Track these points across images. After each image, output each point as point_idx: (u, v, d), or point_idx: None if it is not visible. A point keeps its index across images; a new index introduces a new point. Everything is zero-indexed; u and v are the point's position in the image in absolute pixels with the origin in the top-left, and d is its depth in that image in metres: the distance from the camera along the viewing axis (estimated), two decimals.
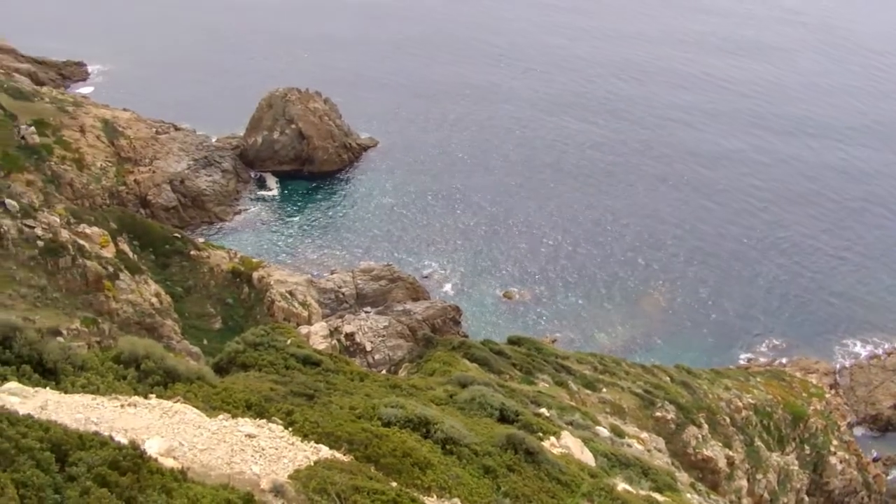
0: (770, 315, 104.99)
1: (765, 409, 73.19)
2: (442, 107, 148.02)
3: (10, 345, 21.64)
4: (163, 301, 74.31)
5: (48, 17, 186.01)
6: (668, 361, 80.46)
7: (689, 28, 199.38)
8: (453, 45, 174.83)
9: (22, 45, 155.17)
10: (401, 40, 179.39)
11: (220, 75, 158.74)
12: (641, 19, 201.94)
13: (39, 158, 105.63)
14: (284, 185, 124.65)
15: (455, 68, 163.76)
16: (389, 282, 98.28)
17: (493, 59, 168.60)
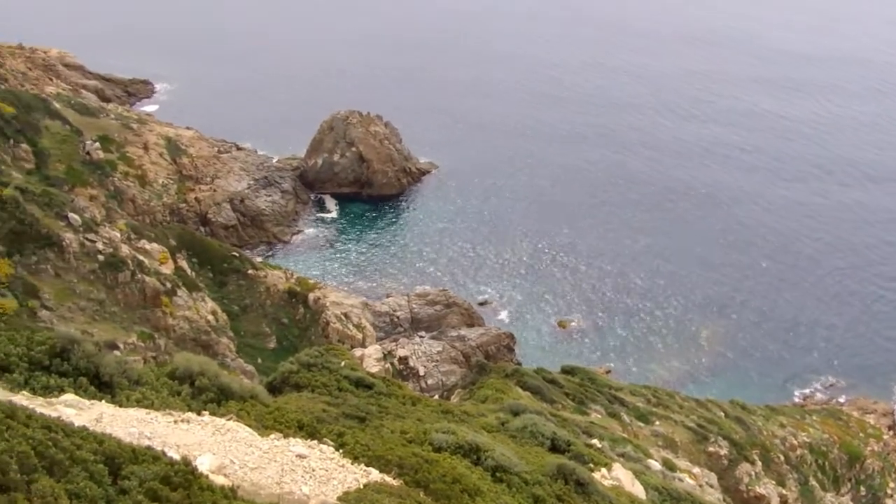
0: (828, 353, 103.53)
1: (820, 449, 72.14)
2: (504, 136, 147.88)
3: (68, 357, 21.87)
4: (219, 319, 74.79)
5: (117, 34, 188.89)
6: (722, 396, 79.57)
7: (744, 64, 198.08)
8: (516, 83, 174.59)
9: (90, 61, 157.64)
10: (466, 71, 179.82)
11: (283, 96, 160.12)
12: (693, 57, 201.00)
13: (103, 174, 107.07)
14: (343, 208, 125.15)
15: (519, 103, 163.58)
16: (444, 307, 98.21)
17: (554, 97, 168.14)
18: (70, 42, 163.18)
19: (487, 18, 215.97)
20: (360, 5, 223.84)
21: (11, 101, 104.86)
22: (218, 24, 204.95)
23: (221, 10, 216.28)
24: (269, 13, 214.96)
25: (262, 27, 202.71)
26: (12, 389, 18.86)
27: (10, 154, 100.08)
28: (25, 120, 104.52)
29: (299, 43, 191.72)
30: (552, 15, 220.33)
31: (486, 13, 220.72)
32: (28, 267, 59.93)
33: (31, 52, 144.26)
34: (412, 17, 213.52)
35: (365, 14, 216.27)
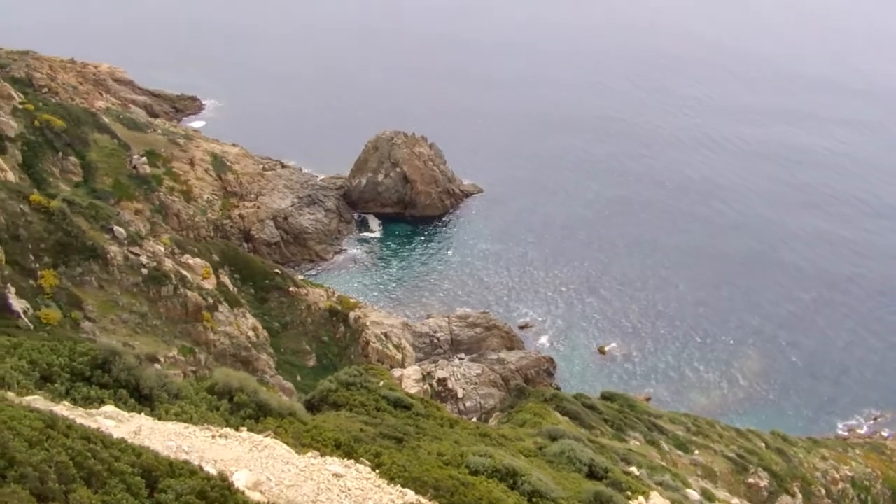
0: (871, 385, 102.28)
1: (863, 483, 71.19)
2: (550, 164, 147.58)
3: (110, 369, 22.00)
4: (259, 335, 75.01)
5: (167, 52, 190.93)
6: (762, 426, 78.79)
7: (795, 98, 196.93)
8: (566, 112, 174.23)
9: (140, 77, 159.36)
10: (516, 98, 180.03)
11: (329, 115, 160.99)
12: (743, 92, 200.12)
13: (149, 188, 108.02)
14: (386, 228, 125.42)
15: (567, 133, 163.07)
16: (485, 329, 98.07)
17: (602, 130, 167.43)
18: (121, 58, 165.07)
19: (539, 48, 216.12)
20: (409, 30, 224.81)
21: (62, 115, 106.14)
22: (266, 42, 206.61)
23: (270, 30, 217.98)
24: (319, 35, 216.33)
25: (311, 48, 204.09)
26: (53, 399, 18.98)
27: (59, 167, 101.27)
28: (75, 133, 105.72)
29: (347, 63, 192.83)
30: (603, 46, 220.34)
31: (537, 43, 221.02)
32: (73, 278, 60.42)
33: (82, 66, 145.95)
34: (462, 42, 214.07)
35: (414, 37, 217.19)
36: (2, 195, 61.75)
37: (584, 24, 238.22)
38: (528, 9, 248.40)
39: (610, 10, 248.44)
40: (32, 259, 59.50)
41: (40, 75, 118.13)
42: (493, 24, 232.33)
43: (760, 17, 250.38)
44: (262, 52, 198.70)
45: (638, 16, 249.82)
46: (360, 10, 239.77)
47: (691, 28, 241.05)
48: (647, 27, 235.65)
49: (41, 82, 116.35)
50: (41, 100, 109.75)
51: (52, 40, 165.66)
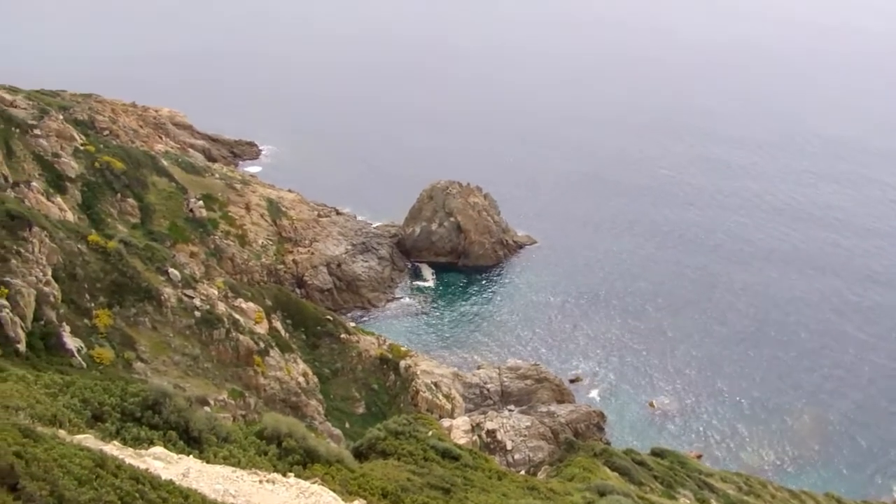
0: None
1: None
2: (606, 220, 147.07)
3: (160, 410, 22.06)
4: (309, 381, 75.08)
5: (227, 97, 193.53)
6: (816, 487, 77.49)
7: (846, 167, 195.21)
8: (628, 168, 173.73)
9: (199, 121, 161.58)
10: (572, 151, 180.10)
11: (384, 163, 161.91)
12: (804, 156, 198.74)
13: (205, 231, 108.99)
14: (439, 277, 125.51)
15: (624, 193, 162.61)
16: (535, 381, 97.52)
17: (659, 191, 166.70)
18: (181, 102, 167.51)
19: (600, 103, 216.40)
20: (467, 76, 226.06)
21: (122, 157, 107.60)
22: (324, 89, 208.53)
23: (328, 77, 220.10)
24: (376, 82, 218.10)
25: (368, 94, 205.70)
26: (104, 439, 19.02)
27: (117, 208, 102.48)
28: (134, 175, 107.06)
29: (404, 111, 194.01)
30: (658, 106, 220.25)
31: (598, 97, 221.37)
32: (127, 319, 60.89)
33: (143, 110, 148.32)
34: (519, 93, 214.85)
35: (469, 85, 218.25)
36: (61, 234, 62.50)
37: (641, 86, 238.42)
38: (587, 68, 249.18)
39: (665, 79, 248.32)
40: (88, 298, 60.07)
41: (102, 118, 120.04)
42: (553, 77, 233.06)
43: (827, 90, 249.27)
44: (319, 98, 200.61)
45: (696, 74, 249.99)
46: (417, 56, 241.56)
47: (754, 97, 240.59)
48: (707, 92, 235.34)
49: (103, 125, 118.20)
50: (102, 142, 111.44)
51: (114, 84, 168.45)
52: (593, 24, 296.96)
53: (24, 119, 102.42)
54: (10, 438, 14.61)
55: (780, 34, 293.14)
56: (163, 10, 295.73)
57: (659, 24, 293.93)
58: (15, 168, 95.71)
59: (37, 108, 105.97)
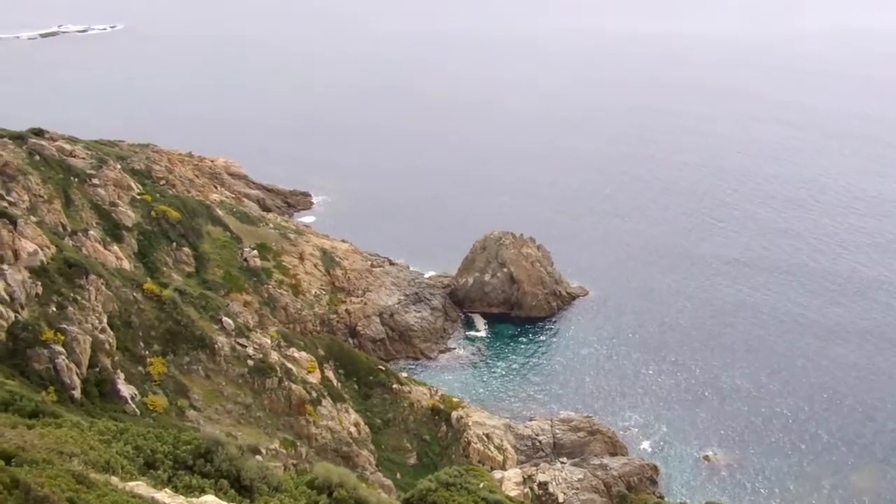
0: None
1: None
2: (661, 267, 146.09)
3: (212, 458, 22.05)
4: (361, 431, 75.00)
5: (281, 147, 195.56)
6: None
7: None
8: (681, 214, 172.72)
9: (254, 172, 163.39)
10: (625, 200, 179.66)
11: (438, 214, 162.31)
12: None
13: (259, 281, 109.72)
14: (491, 327, 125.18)
15: (677, 234, 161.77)
16: (588, 434, 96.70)
17: (719, 230, 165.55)
18: (237, 153, 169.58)
19: (660, 149, 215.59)
20: (521, 126, 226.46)
21: (177, 207, 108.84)
22: (377, 141, 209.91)
23: (382, 127, 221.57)
24: (426, 131, 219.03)
25: (420, 146, 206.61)
26: (156, 486, 19.01)
27: (173, 257, 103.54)
28: (189, 225, 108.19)
29: (456, 162, 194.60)
30: (719, 149, 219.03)
31: (659, 144, 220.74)
32: (180, 367, 61.29)
33: (199, 160, 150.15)
34: (575, 142, 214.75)
35: (524, 135, 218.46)
36: (117, 282, 63.17)
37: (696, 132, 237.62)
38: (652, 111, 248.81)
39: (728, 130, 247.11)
40: (142, 346, 60.58)
41: (159, 168, 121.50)
42: (613, 127, 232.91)
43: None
44: (372, 149, 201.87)
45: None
46: (470, 108, 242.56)
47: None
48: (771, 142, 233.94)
49: (159, 174, 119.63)
50: (159, 191, 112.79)
51: (171, 134, 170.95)
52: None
53: (83, 168, 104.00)
54: (64, 484, 14.63)
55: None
56: (219, 62, 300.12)
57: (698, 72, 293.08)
58: (73, 217, 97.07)
59: (95, 158, 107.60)
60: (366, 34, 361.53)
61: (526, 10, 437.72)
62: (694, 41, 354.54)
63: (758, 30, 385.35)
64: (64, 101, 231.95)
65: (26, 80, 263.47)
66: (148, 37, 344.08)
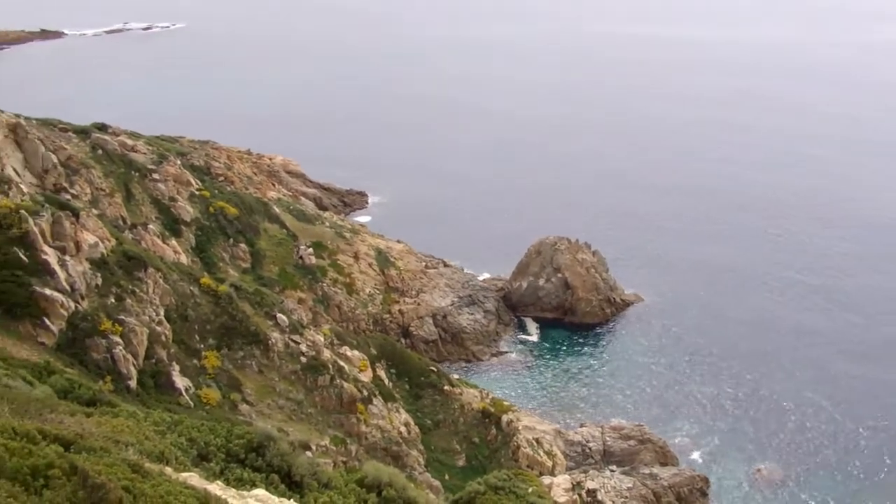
0: None
1: None
2: (715, 274, 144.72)
3: (264, 453, 22.27)
4: (411, 431, 75.15)
5: (339, 146, 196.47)
6: None
7: None
8: (742, 226, 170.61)
9: (311, 170, 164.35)
10: (683, 205, 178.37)
11: (493, 216, 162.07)
12: None
13: (313, 279, 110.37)
14: (544, 332, 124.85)
15: (736, 247, 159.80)
16: (639, 442, 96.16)
17: (778, 245, 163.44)
18: (295, 151, 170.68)
19: (718, 151, 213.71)
20: (580, 134, 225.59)
21: (235, 203, 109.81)
22: (435, 141, 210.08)
23: (438, 129, 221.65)
24: (485, 134, 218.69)
25: (478, 147, 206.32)
26: (208, 478, 19.23)
27: (229, 252, 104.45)
28: (246, 222, 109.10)
29: (515, 165, 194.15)
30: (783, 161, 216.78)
31: (717, 147, 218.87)
32: (234, 361, 61.84)
33: (257, 157, 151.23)
34: (633, 144, 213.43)
35: (582, 142, 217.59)
36: (174, 276, 63.86)
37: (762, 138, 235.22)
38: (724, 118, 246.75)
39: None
40: (198, 339, 61.20)
41: (218, 164, 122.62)
42: (671, 132, 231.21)
43: None
44: (430, 149, 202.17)
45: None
46: (529, 106, 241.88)
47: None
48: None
49: (218, 171, 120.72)
50: (217, 187, 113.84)
51: (230, 131, 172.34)
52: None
53: (144, 163, 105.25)
54: (120, 473, 14.87)
55: None
56: (279, 61, 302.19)
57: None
58: (133, 211, 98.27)
59: (156, 153, 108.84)
60: (421, 37, 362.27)
61: (582, 14, 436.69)
62: (761, 50, 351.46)
63: (823, 40, 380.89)
64: (126, 96, 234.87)
65: (91, 75, 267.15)
66: (209, 35, 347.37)
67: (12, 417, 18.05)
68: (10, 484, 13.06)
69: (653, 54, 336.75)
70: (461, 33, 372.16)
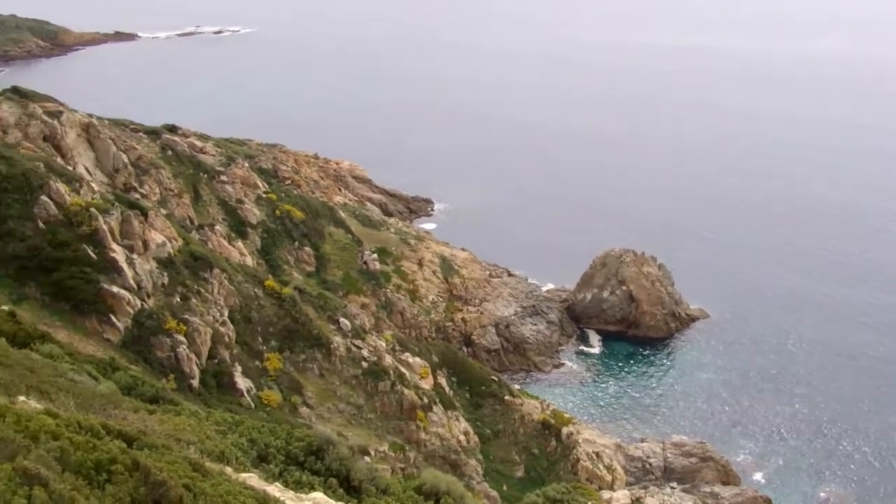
0: None
1: None
2: (783, 291, 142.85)
3: (323, 457, 22.25)
4: (470, 440, 74.98)
5: (406, 153, 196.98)
6: None
7: None
8: (817, 250, 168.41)
9: (377, 176, 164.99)
10: (748, 220, 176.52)
11: (559, 227, 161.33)
12: None
13: (377, 284, 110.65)
14: (607, 345, 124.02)
15: (806, 264, 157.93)
16: (700, 460, 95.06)
17: (849, 260, 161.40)
18: (361, 156, 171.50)
19: (791, 169, 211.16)
20: (651, 148, 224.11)
21: (302, 207, 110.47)
22: (500, 150, 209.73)
23: (505, 137, 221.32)
24: (552, 143, 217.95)
25: (545, 156, 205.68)
26: (267, 479, 19.24)
27: (294, 256, 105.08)
28: (312, 225, 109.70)
29: (581, 177, 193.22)
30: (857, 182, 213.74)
31: (790, 166, 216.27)
32: (296, 364, 62.10)
33: (324, 162, 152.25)
34: (708, 168, 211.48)
35: (653, 155, 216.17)
36: (239, 278, 64.31)
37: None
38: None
39: None
40: (261, 341, 61.56)
41: (285, 168, 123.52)
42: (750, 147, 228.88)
43: None
44: (495, 158, 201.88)
45: None
46: (596, 117, 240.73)
47: None
48: None
49: (285, 174, 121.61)
50: (284, 191, 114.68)
51: (298, 135, 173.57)
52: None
53: (213, 165, 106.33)
54: (181, 471, 14.89)
55: None
56: (348, 67, 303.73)
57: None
58: (201, 211, 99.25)
59: (224, 156, 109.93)
60: (491, 47, 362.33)
61: (649, 26, 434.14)
62: (831, 64, 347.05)
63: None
64: (196, 98, 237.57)
65: (162, 77, 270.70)
66: (279, 40, 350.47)
67: (77, 412, 18.18)
68: (74, 477, 13.13)
69: (715, 67, 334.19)
70: (532, 44, 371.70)
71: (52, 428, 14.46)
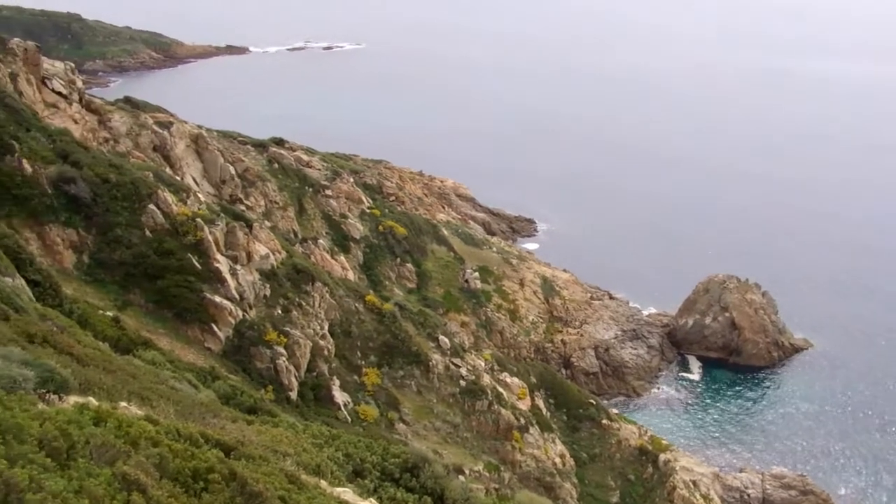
0: None
1: None
2: (892, 331, 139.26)
3: (418, 474, 22.14)
4: (566, 463, 74.36)
5: (510, 172, 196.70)
6: None
7: None
8: None
9: (481, 195, 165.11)
10: (852, 248, 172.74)
11: (662, 251, 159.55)
12: None
13: (477, 303, 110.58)
14: (707, 372, 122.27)
15: None
16: (801, 493, 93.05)
17: None
18: (466, 175, 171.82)
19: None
20: (759, 170, 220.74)
21: (405, 223, 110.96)
22: (605, 172, 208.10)
23: (609, 160, 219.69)
24: (657, 168, 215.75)
25: (648, 180, 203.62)
26: (361, 495, 19.19)
27: (396, 272, 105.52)
28: (414, 242, 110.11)
29: (686, 201, 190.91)
30: None
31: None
32: (394, 380, 62.25)
33: (429, 179, 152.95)
34: (816, 196, 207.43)
35: (759, 179, 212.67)
36: (340, 292, 64.75)
37: None
38: None
39: None
40: (359, 356, 61.84)
41: (390, 184, 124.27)
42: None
43: None
44: (599, 180, 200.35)
45: None
46: (700, 143, 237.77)
47: None
48: None
49: (390, 190, 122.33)
50: (387, 207, 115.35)
51: (403, 152, 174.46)
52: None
53: (318, 179, 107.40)
54: (277, 483, 14.92)
55: None
56: (455, 85, 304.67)
57: None
58: (305, 225, 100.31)
59: (330, 170, 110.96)
60: (601, 66, 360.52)
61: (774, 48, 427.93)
62: None
63: None
64: (304, 111, 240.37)
65: (271, 90, 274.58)
66: (387, 57, 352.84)
67: (177, 419, 18.35)
68: (172, 484, 13.22)
69: (837, 93, 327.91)
70: (643, 65, 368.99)
71: (152, 434, 14.58)
